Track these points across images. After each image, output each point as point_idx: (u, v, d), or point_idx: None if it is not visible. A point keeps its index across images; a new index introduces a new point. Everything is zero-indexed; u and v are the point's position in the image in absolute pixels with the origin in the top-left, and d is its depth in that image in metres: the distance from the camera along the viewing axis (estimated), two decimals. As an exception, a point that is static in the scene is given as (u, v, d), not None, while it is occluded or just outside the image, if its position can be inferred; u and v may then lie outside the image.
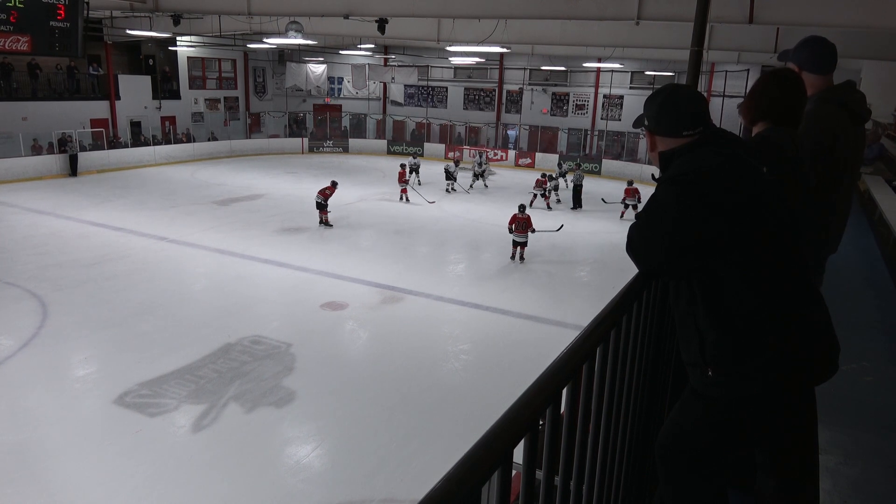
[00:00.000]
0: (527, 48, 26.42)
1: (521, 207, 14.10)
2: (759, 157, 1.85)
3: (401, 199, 20.04)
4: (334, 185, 16.54)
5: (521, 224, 13.79)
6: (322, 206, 16.28)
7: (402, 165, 20.60)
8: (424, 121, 33.03)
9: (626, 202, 18.78)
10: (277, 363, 8.68)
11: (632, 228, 1.69)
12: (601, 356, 1.48)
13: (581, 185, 20.31)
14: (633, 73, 28.59)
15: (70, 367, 8.58)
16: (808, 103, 2.45)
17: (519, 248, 13.99)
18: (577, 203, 20.29)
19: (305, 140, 31.44)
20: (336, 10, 13.24)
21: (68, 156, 22.30)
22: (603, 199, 19.44)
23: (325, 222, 16.33)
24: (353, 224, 16.77)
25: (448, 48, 20.00)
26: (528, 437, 1.06)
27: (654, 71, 27.03)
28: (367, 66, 30.70)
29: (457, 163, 22.46)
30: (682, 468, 1.84)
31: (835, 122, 2.47)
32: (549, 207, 19.86)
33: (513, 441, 1.00)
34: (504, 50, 20.61)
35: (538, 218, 17.33)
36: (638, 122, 1.90)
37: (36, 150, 21.78)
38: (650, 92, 1.88)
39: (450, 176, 21.53)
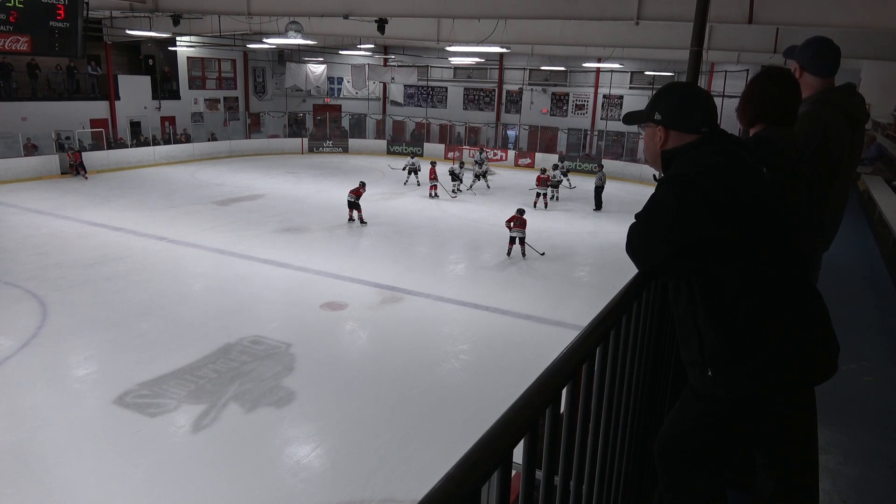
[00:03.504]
0: (526, 48, 26.42)
1: (521, 211, 14.17)
2: (759, 158, 1.85)
3: (430, 195, 20.84)
4: (363, 185, 17.09)
5: (518, 222, 13.88)
6: (354, 205, 16.67)
7: (433, 163, 21.55)
8: (424, 121, 33.03)
9: None
10: (277, 363, 8.68)
11: (631, 228, 1.69)
12: (601, 356, 1.48)
13: (602, 187, 20.12)
14: (632, 73, 28.58)
15: (70, 367, 8.58)
16: (804, 104, 2.45)
17: (518, 242, 14.02)
18: (598, 204, 20.14)
19: (305, 140, 31.44)
20: (336, 11, 13.24)
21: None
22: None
23: (360, 220, 16.76)
24: (353, 224, 16.78)
25: (448, 48, 19.99)
26: (527, 437, 1.06)
27: (654, 71, 27.01)
28: (366, 66, 30.69)
29: (461, 165, 22.51)
30: (682, 468, 1.84)
31: (829, 123, 2.48)
32: (545, 206, 19.86)
33: (512, 441, 1.00)
34: (504, 50, 20.59)
35: (538, 219, 17.38)
36: (639, 118, 1.84)
37: (29, 150, 21.74)
38: (650, 92, 1.87)
39: (455, 177, 21.59)
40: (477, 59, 27.38)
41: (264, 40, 19.93)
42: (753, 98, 2.28)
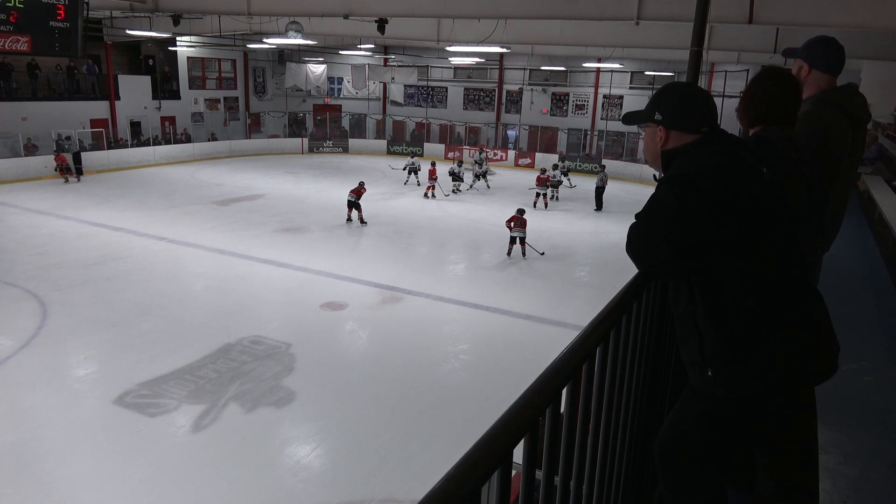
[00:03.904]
0: (527, 48, 26.41)
1: (521, 211, 14.16)
2: (759, 158, 1.85)
3: (426, 195, 20.79)
4: (362, 184, 17.13)
5: (518, 222, 13.89)
6: (355, 205, 16.68)
7: (433, 164, 21.42)
8: (424, 121, 33.03)
9: None
10: (277, 363, 8.68)
11: (632, 228, 1.69)
12: (601, 356, 1.48)
13: (604, 188, 20.05)
14: (632, 73, 28.58)
15: (70, 367, 8.58)
16: (805, 104, 2.45)
17: (518, 242, 14.03)
18: (598, 204, 20.11)
19: (305, 140, 31.44)
20: (336, 10, 13.24)
21: (71, 154, 22.29)
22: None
23: (360, 220, 16.78)
24: (354, 224, 16.79)
25: (448, 48, 19.99)
26: (527, 437, 1.06)
27: (654, 71, 27.01)
28: (366, 66, 30.69)
29: (460, 163, 22.51)
30: (682, 468, 1.84)
31: (830, 123, 2.48)
32: (545, 206, 19.86)
33: (513, 441, 1.00)
34: (504, 50, 20.60)
35: (538, 219, 17.37)
36: (639, 118, 1.84)
37: (29, 150, 21.73)
38: (650, 92, 1.87)
39: (456, 177, 21.60)
40: (477, 59, 27.38)
41: (264, 40, 19.93)
42: (754, 98, 2.28)
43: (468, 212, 19.15)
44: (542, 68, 30.19)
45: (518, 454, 1.02)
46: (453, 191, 21.60)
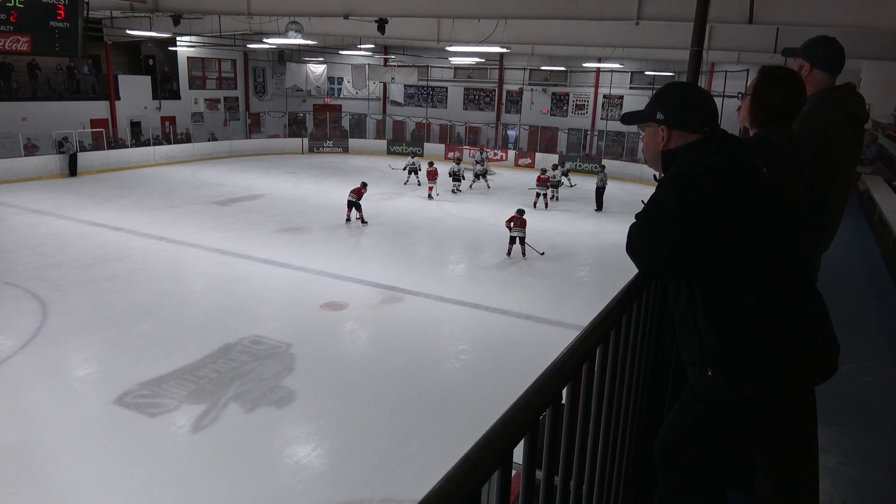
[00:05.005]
0: (527, 48, 26.41)
1: (521, 211, 14.16)
2: (759, 158, 1.84)
3: (430, 196, 20.67)
4: (364, 185, 17.14)
5: (518, 222, 13.89)
6: (355, 205, 16.68)
7: (431, 164, 21.37)
8: (424, 121, 33.02)
9: None
10: (277, 363, 8.68)
11: (632, 228, 1.69)
12: (601, 356, 1.48)
13: (604, 188, 20.04)
14: (632, 73, 28.58)
15: (70, 367, 8.58)
16: (805, 103, 2.45)
17: (518, 242, 14.03)
18: (599, 205, 20.11)
19: (305, 140, 31.43)
20: (336, 10, 13.24)
21: (68, 156, 22.30)
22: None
23: (360, 220, 16.78)
24: (354, 224, 16.79)
25: (448, 48, 20.00)
26: (527, 437, 1.06)
27: (654, 71, 27.01)
28: (367, 66, 30.68)
29: (458, 161, 22.50)
30: (682, 468, 1.84)
31: (829, 123, 2.47)
32: (545, 206, 19.87)
33: (513, 441, 1.00)
34: (504, 50, 20.60)
35: (538, 219, 17.37)
36: (640, 118, 1.83)
37: (29, 150, 21.73)
38: (650, 92, 1.87)
39: (456, 177, 21.61)
40: (477, 59, 27.38)
41: (264, 40, 19.94)
42: (761, 101, 2.26)
43: (468, 212, 19.15)
44: (542, 68, 30.18)
45: (518, 454, 1.02)
46: (452, 191, 21.59)
